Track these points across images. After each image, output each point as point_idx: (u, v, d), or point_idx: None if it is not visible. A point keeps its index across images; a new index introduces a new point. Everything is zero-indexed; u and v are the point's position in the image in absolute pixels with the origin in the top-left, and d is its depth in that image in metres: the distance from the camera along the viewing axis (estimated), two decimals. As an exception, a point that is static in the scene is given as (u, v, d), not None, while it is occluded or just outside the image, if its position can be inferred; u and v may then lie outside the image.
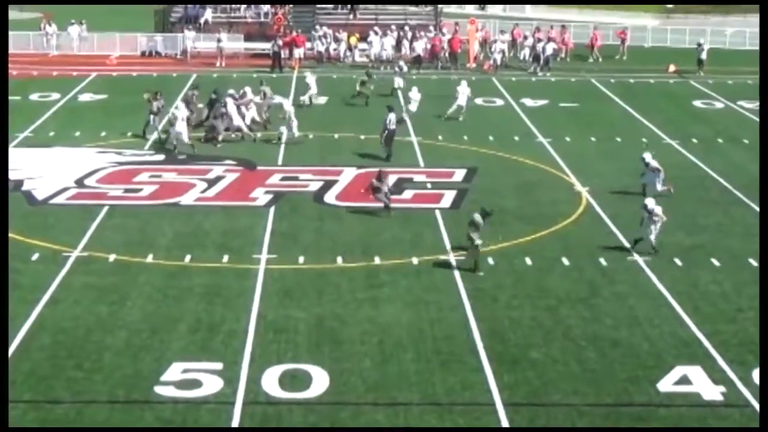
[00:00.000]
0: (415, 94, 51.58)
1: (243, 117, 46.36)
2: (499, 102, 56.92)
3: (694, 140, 48.24)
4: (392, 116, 43.51)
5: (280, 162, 43.10)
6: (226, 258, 31.83)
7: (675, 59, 69.15)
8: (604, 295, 29.50)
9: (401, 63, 58.62)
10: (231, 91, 47.57)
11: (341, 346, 25.96)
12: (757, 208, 37.64)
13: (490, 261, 31.77)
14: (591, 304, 28.84)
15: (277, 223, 35.20)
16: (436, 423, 22.24)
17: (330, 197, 38.36)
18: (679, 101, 58.38)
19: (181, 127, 43.40)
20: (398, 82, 56.56)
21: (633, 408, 23.15)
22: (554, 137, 48.14)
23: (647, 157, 38.81)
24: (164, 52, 70.28)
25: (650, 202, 32.78)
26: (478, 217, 31.14)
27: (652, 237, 32.41)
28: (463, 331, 26.93)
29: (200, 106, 48.05)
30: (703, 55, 67.00)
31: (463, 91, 51.88)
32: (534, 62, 66.66)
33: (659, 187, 37.91)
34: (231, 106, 45.76)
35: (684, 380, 24.46)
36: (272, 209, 36.71)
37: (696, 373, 24.80)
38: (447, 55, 68.04)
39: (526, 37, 70.51)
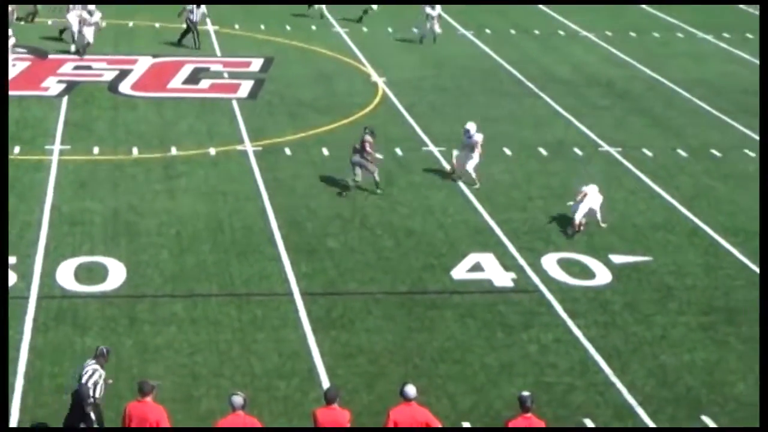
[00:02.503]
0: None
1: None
2: (296, -9, 56.47)
3: (488, 31, 48.95)
4: (196, 9, 42.80)
5: (72, 50, 41.99)
6: (17, 149, 31.05)
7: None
8: (399, 184, 29.93)
9: None
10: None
11: (138, 238, 25.76)
12: (547, 98, 38.62)
13: (288, 151, 31.83)
14: (387, 193, 29.22)
15: (71, 114, 34.45)
16: (234, 313, 22.35)
17: (125, 87, 37.68)
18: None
19: None
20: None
21: (427, 295, 23.69)
22: (351, 28, 48.16)
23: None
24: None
25: (472, 126, 29.84)
26: None
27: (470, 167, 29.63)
28: (261, 222, 27.02)
29: None
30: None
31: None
32: None
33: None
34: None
35: (477, 267, 25.12)
36: (65, 99, 35.88)
37: (488, 260, 25.50)
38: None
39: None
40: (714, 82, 42.40)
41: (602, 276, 24.97)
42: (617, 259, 25.87)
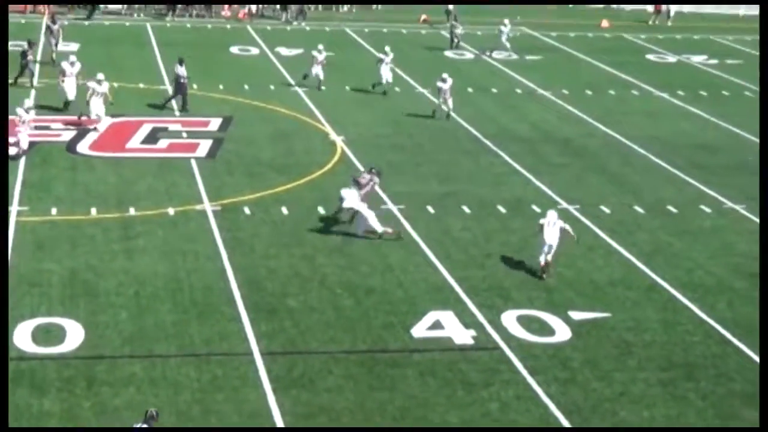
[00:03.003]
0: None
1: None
2: (254, 51, 56.80)
3: (446, 90, 49.19)
4: (181, 68, 42.79)
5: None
6: (-26, 210, 30.90)
7: (427, 10, 70.27)
8: (359, 243, 29.96)
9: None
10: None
11: (96, 298, 25.62)
12: (506, 156, 38.86)
13: (247, 211, 31.84)
14: (346, 252, 29.26)
15: (28, 174, 34.31)
16: (194, 374, 22.24)
17: (83, 147, 37.60)
18: (431, 51, 59.42)
19: None
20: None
21: (388, 354, 23.68)
22: (309, 86, 48.36)
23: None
24: None
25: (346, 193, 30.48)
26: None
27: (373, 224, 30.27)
28: (220, 281, 26.96)
29: None
30: (451, 7, 68.28)
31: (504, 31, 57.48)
32: (282, 11, 66.80)
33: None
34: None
35: (437, 325, 25.15)
36: (23, 159, 35.73)
37: (448, 317, 25.54)
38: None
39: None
40: (669, 139, 42.84)
41: (562, 332, 25.07)
42: (576, 315, 25.99)
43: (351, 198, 30.23)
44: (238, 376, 22.30)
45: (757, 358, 24.12)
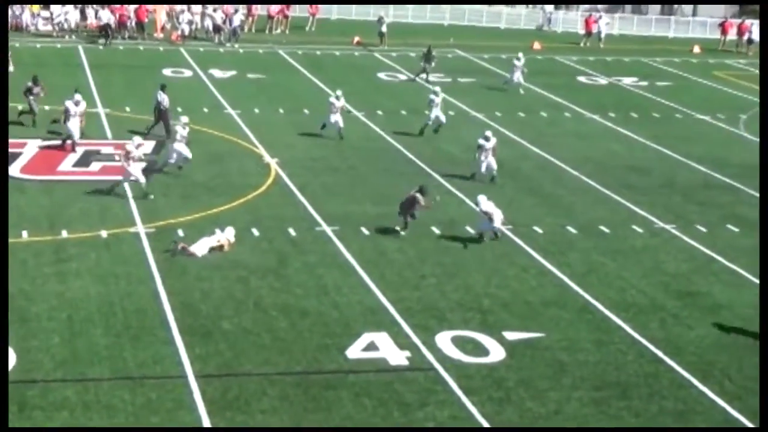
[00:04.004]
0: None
1: None
2: (188, 73, 56.66)
3: (380, 112, 49.41)
4: (163, 95, 42.51)
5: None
6: None
7: (360, 32, 70.54)
8: (293, 265, 29.94)
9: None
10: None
11: (28, 323, 25.35)
12: (440, 178, 39.02)
13: (181, 233, 31.68)
14: (281, 274, 29.22)
15: (-42, 197, 33.97)
16: (128, 397, 22.07)
17: (14, 170, 37.25)
18: (365, 73, 59.64)
19: None
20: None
21: (323, 375, 23.65)
22: (243, 109, 48.35)
23: (482, 201, 33.02)
24: None
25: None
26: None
27: None
28: (154, 304, 26.79)
29: None
30: (384, 29, 68.70)
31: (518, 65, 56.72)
32: (215, 33, 66.79)
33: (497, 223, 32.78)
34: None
35: (371, 347, 25.16)
36: (-48, 183, 35.35)
37: (383, 339, 25.55)
38: (134, 24, 67.10)
39: (215, 9, 70.18)
40: (600, 160, 43.28)
41: (496, 353, 25.17)
42: (510, 335, 26.12)
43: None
44: (172, 399, 22.17)
45: (688, 376, 24.42)
